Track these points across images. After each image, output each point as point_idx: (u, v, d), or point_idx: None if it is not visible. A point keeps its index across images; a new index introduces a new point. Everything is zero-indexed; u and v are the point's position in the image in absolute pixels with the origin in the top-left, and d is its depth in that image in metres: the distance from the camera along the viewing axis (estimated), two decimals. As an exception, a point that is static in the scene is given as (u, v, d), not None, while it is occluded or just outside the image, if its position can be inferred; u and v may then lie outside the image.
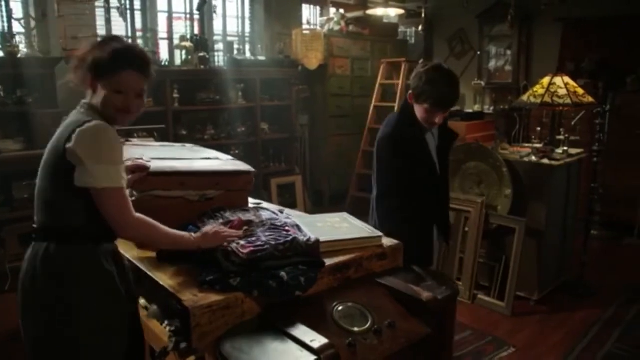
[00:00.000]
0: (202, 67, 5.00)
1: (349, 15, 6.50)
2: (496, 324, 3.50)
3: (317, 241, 1.80)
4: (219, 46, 5.61)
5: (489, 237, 3.96)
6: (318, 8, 6.81)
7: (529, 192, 3.81)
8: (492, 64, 7.15)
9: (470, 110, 6.54)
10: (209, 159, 2.34)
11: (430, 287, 1.85)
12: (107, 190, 1.56)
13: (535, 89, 3.85)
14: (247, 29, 6.10)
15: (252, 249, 1.69)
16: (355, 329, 1.63)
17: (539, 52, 6.68)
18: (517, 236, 3.73)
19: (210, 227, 1.78)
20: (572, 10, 5.54)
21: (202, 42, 5.09)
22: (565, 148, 3.96)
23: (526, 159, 3.86)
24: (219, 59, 5.52)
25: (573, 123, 4.44)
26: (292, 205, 5.57)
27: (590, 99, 3.77)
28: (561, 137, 4.02)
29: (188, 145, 2.78)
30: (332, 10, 6.74)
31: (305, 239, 1.78)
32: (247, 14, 6.06)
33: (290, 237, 1.77)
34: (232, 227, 1.84)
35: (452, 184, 4.19)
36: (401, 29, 7.69)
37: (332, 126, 6.46)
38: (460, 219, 4.00)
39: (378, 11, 5.64)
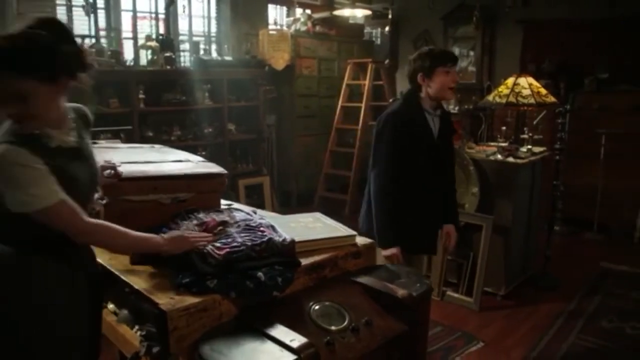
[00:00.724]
0: (168, 67, 4.94)
1: (316, 15, 6.53)
2: (465, 320, 3.57)
3: (293, 241, 1.80)
4: (185, 46, 5.54)
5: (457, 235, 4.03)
6: (284, 8, 6.80)
7: (495, 190, 3.90)
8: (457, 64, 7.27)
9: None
10: (180, 161, 2.32)
11: (404, 284, 1.87)
12: (44, 210, 1.44)
13: (500, 90, 3.94)
14: (214, 29, 6.05)
15: (228, 250, 1.68)
16: (333, 327, 1.64)
17: (502, 53, 6.83)
18: (485, 233, 3.81)
19: (178, 232, 1.75)
20: (532, 12, 5.69)
21: (167, 42, 5.02)
22: (530, 147, 4.07)
23: (492, 158, 3.95)
24: (185, 59, 5.45)
25: (535, 122, 4.56)
26: (260, 206, 5.54)
27: (553, 99, 3.88)
28: (525, 136, 4.13)
29: (157, 147, 2.75)
30: (299, 10, 6.75)
31: (280, 239, 1.79)
32: (213, 14, 6.00)
33: (266, 238, 1.77)
34: (206, 227, 1.83)
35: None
36: (367, 29, 7.75)
37: (299, 126, 6.48)
38: (429, 217, 4.06)
39: (345, 12, 5.68)
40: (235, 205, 2.37)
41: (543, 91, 3.87)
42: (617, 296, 4.03)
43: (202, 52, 5.55)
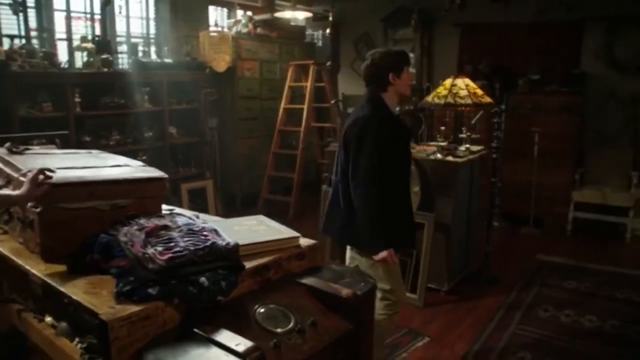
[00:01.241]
0: (106, 69, 4.81)
1: (257, 17, 6.50)
2: (410, 316, 3.64)
3: (237, 245, 1.79)
4: (123, 48, 5.39)
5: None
6: (225, 10, 6.74)
7: (435, 189, 4.00)
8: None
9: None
10: (118, 165, 2.25)
11: (349, 284, 1.89)
12: None
13: (438, 90, 4.05)
14: (152, 30, 5.92)
15: (170, 255, 1.64)
16: (279, 329, 1.63)
17: (440, 55, 7.03)
18: (427, 231, 3.90)
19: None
20: (468, 16, 5.88)
21: (104, 44, 4.88)
22: (468, 146, 4.21)
23: (432, 157, 4.05)
24: (123, 61, 5.32)
25: (473, 122, 4.71)
26: (204, 210, 5.47)
27: (489, 100, 4.02)
28: (463, 136, 4.26)
29: (94, 152, 2.66)
30: (240, 12, 6.71)
31: (224, 243, 1.77)
32: (152, 15, 5.88)
33: (209, 242, 1.75)
34: (147, 232, 1.79)
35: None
36: (308, 31, 7.79)
37: (241, 129, 6.44)
38: (372, 217, 4.12)
39: (286, 14, 5.69)
40: (178, 210, 2.33)
41: (479, 92, 4.01)
42: (552, 287, 4.23)
43: (140, 54, 5.41)
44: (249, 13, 6.69)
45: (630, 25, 5.87)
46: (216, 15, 6.64)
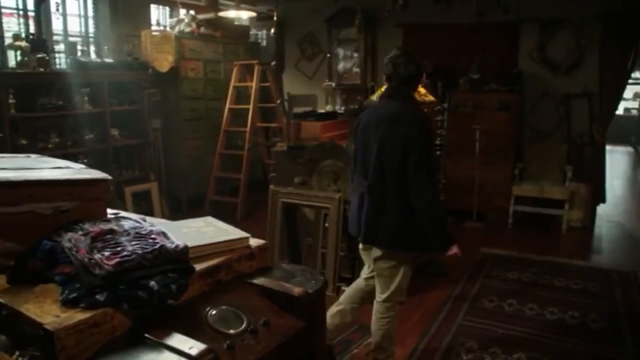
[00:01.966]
0: (42, 69, 4.62)
1: (200, 16, 6.41)
2: (360, 312, 3.67)
3: (186, 247, 1.76)
4: (60, 47, 5.20)
5: (348, 231, 4.15)
6: (167, 9, 6.61)
7: (382, 186, 4.06)
8: (341, 65, 7.50)
9: (323, 111, 6.80)
10: (59, 167, 2.17)
11: (300, 282, 1.90)
12: None
13: (382, 89, 4.11)
14: (91, 29, 5.73)
15: (118, 260, 1.60)
16: (231, 331, 1.62)
17: (384, 54, 7.07)
18: (374, 228, 3.95)
19: None
20: (411, 16, 6.01)
21: (40, 42, 4.69)
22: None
23: (378, 155, 4.10)
24: (61, 61, 5.12)
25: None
26: (149, 213, 5.35)
27: (432, 98, 4.13)
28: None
29: (33, 156, 2.54)
30: (182, 11, 6.59)
31: (173, 245, 1.74)
32: (91, 13, 5.69)
33: (158, 245, 1.71)
34: (92, 237, 1.74)
35: (309, 182, 4.34)
36: (252, 31, 7.74)
37: (186, 130, 6.34)
38: (320, 215, 4.14)
39: (230, 13, 5.63)
40: (123, 213, 2.27)
41: (422, 90, 4.10)
42: (496, 278, 4.39)
43: (79, 53, 5.23)
44: (192, 12, 6.58)
45: (561, 28, 6.17)
46: (158, 14, 6.50)
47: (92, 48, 5.69)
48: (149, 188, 5.66)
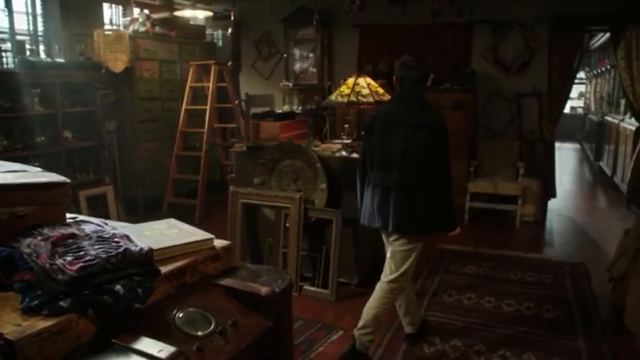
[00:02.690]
0: (-13, 69, 4.44)
1: (155, 16, 6.29)
2: (323, 311, 3.71)
3: (151, 250, 1.74)
4: (7, 46, 5.01)
5: (309, 230, 4.17)
6: (120, 7, 6.46)
7: (342, 185, 4.10)
8: (298, 66, 7.51)
9: (281, 111, 6.79)
10: (15, 171, 2.10)
11: (267, 282, 1.91)
12: None
13: (341, 89, 4.16)
14: (40, 28, 5.54)
15: (81, 264, 1.57)
16: (199, 332, 1.62)
17: (340, 54, 7.20)
18: (335, 226, 3.99)
19: None
20: (367, 17, 6.08)
21: (-16, 42, 4.51)
22: (371, 142, 4.33)
23: (337, 155, 4.15)
24: (7, 60, 4.94)
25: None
26: (105, 217, 5.11)
27: (389, 97, 4.18)
28: (367, 133, 4.39)
29: (-16, 160, 2.46)
30: (136, 10, 6.46)
31: (137, 248, 1.71)
32: (39, 11, 5.50)
33: (122, 249, 1.68)
34: (53, 242, 1.70)
35: (269, 182, 4.34)
36: (208, 31, 7.66)
37: (141, 131, 6.22)
38: (281, 215, 4.15)
39: (186, 13, 5.55)
40: (81, 217, 2.22)
41: (380, 90, 4.16)
42: (454, 273, 4.50)
43: (28, 52, 5.06)
44: (146, 11, 6.45)
45: (511, 30, 6.37)
46: (111, 13, 6.35)
47: (41, 47, 5.50)
48: (105, 191, 5.52)
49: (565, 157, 11.66)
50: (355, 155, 4.10)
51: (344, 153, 4.14)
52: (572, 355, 3.19)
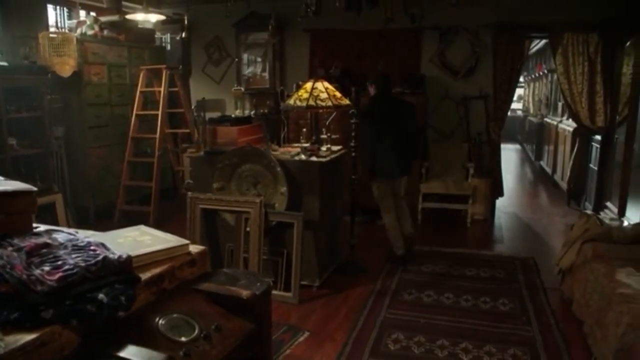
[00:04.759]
0: None
1: (103, 19, 6.12)
2: (288, 314, 3.73)
3: (129, 257, 1.72)
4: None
5: (269, 234, 4.18)
6: (65, 10, 6.26)
7: (302, 188, 4.14)
8: (249, 70, 7.50)
9: (233, 115, 6.76)
10: (-25, 181, 2.03)
11: (246, 285, 1.92)
12: None
13: (300, 94, 4.19)
14: (-20, 30, 5.30)
15: (61, 274, 1.53)
16: (183, 338, 1.62)
17: (292, 59, 7.23)
18: (296, 229, 4.02)
19: None
20: (318, 22, 6.13)
21: None
22: (329, 146, 4.40)
23: (297, 158, 4.18)
24: (-55, 64, 4.70)
25: (327, 123, 4.92)
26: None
27: (347, 102, 4.26)
28: (324, 137, 4.45)
29: (-62, 168, 2.35)
30: (82, 12, 6.27)
31: (116, 256, 1.69)
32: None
33: (101, 257, 1.66)
34: (27, 252, 1.65)
35: (228, 187, 4.33)
36: (157, 35, 7.52)
37: (91, 137, 6.04)
38: (241, 220, 4.14)
39: (138, 16, 5.43)
40: (48, 227, 2.16)
41: (338, 94, 4.23)
42: (412, 272, 4.61)
43: (-33, 56, 4.83)
44: (93, 14, 6.28)
45: (457, 35, 6.59)
46: (56, 15, 6.13)
47: (-19, 50, 5.26)
48: (53, 200, 5.32)
49: (508, 157, 12.10)
50: (314, 158, 4.15)
51: (303, 157, 4.18)
52: (528, 344, 3.34)
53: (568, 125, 7.77)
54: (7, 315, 1.42)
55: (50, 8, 5.98)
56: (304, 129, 4.44)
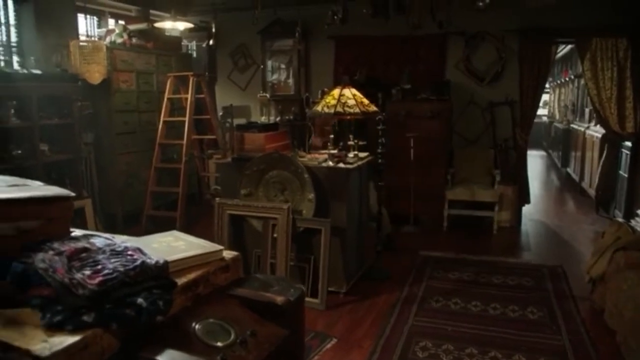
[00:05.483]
0: (-38, 81, 4.33)
1: (132, 27, 6.23)
2: (315, 320, 3.73)
3: (166, 262, 1.74)
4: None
5: (296, 240, 4.19)
6: (95, 18, 6.38)
7: (329, 194, 4.14)
8: (275, 77, 7.55)
9: (259, 121, 6.80)
10: (16, 185, 2.07)
11: (280, 291, 1.93)
12: None
13: (327, 100, 4.20)
14: (14, 38, 5.41)
15: (101, 278, 1.56)
16: (220, 344, 1.62)
17: (316, 66, 7.26)
18: (324, 236, 4.02)
19: None
20: (342, 29, 6.15)
21: (-41, 53, 4.40)
22: (356, 152, 4.40)
23: (324, 165, 4.19)
24: (-21, 71, 4.81)
25: (352, 129, 4.93)
26: (83, 232, 5.11)
27: (375, 108, 4.26)
28: (351, 143, 4.46)
29: (-21, 174, 2.40)
30: (111, 21, 6.39)
31: (153, 261, 1.71)
32: (13, 21, 5.37)
33: (139, 262, 1.68)
34: (68, 256, 1.68)
35: (256, 193, 4.35)
36: (183, 42, 7.63)
37: (119, 144, 6.13)
38: (269, 226, 4.16)
39: (166, 24, 5.52)
40: (85, 231, 2.20)
41: (365, 101, 4.23)
42: (439, 279, 4.58)
43: (2, 63, 4.93)
44: (122, 22, 6.39)
45: (483, 41, 6.56)
46: (86, 24, 6.26)
47: (14, 58, 5.37)
48: (83, 205, 5.42)
49: (533, 163, 11.95)
50: (341, 165, 4.16)
51: (330, 163, 4.19)
52: (558, 353, 3.29)
53: (596, 131, 7.64)
54: (50, 318, 1.45)
55: (80, 17, 6.10)
56: (331, 136, 4.44)
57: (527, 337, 3.51)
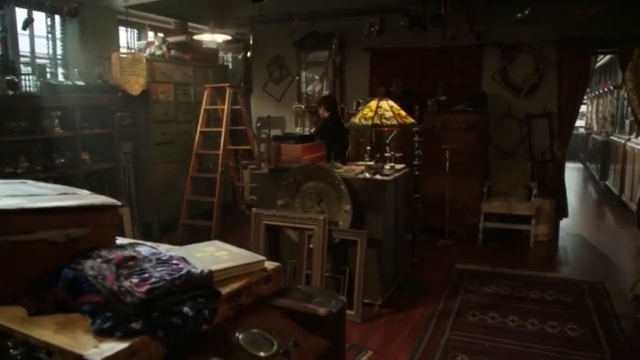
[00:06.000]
0: (11, 92, 4.49)
1: (171, 39, 6.37)
2: (350, 332, 3.69)
3: (210, 272, 1.76)
4: (28, 69, 5.06)
5: (332, 251, 4.19)
6: (135, 31, 6.55)
7: (366, 206, 4.13)
8: (310, 88, 7.60)
9: (294, 132, 6.84)
10: (65, 193, 2.13)
11: (322, 303, 1.93)
12: None
13: (365, 112, 4.21)
14: (59, 51, 5.60)
15: (149, 287, 1.58)
16: (263, 354, 1.63)
17: (351, 77, 7.28)
18: (360, 247, 4.01)
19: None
20: (377, 40, 6.17)
21: (8, 64, 4.56)
22: (392, 164, 4.39)
23: (361, 176, 4.19)
24: (28, 83, 4.98)
25: (388, 141, 4.92)
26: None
27: (412, 120, 4.24)
28: (388, 155, 4.44)
29: (29, 182, 2.48)
30: (150, 34, 6.54)
31: (198, 271, 1.73)
32: (59, 35, 5.56)
33: (184, 270, 1.70)
34: (116, 264, 1.71)
35: (292, 204, 4.37)
36: (220, 54, 7.76)
37: (157, 153, 6.25)
38: (304, 237, 4.16)
39: (205, 37, 5.63)
40: (122, 240, 2.24)
41: (403, 113, 4.22)
42: (475, 292, 4.51)
43: (48, 75, 5.10)
44: (161, 35, 6.54)
45: (520, 52, 6.48)
46: (127, 36, 6.43)
47: (59, 70, 5.55)
48: (121, 213, 5.52)
49: (570, 176, 11.70)
50: (378, 176, 4.15)
51: (367, 175, 4.18)
52: (602, 374, 3.20)
53: (637, 143, 7.45)
54: (100, 324, 1.48)
55: (121, 30, 6.27)
56: (368, 147, 4.43)
57: (567, 354, 3.42)
